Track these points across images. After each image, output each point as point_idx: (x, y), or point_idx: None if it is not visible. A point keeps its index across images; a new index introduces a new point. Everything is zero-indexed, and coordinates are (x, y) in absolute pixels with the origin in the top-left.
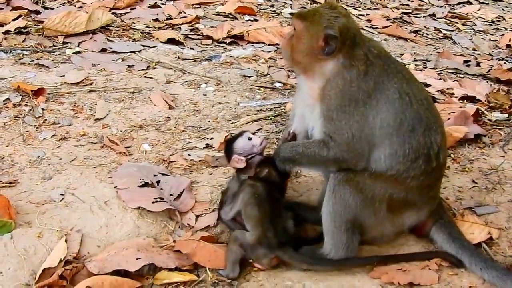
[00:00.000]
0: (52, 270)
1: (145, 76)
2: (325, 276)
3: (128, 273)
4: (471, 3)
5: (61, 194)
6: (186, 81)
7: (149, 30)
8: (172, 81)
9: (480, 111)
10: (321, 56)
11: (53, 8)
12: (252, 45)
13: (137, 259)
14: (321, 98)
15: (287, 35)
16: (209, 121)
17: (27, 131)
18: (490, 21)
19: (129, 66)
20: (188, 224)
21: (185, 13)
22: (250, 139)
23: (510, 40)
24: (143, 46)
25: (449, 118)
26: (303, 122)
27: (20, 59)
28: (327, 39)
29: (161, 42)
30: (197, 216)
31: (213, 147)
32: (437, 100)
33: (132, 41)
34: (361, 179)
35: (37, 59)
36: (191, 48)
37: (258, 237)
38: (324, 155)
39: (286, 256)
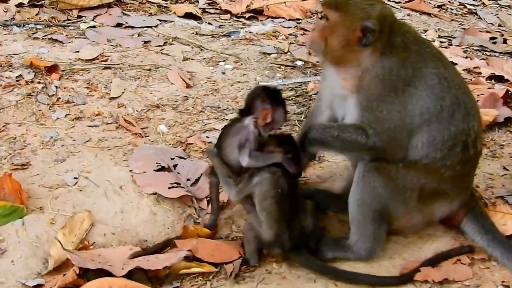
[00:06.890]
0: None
1: (161, 53)
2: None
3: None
4: None
5: (75, 178)
6: (204, 58)
7: (166, 4)
8: (189, 58)
9: (510, 93)
10: (357, 48)
11: None
12: (272, 21)
13: (122, 268)
14: (358, 88)
15: (317, 25)
16: (228, 101)
17: (40, 110)
18: None
19: (145, 42)
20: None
21: None
22: None
23: None
24: (160, 20)
25: (477, 100)
26: (331, 112)
27: (33, 33)
28: (365, 31)
29: (178, 16)
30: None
31: None
32: (465, 80)
33: (149, 15)
34: (394, 167)
35: (51, 33)
36: (209, 23)
37: (273, 236)
38: (362, 142)
39: (299, 260)
